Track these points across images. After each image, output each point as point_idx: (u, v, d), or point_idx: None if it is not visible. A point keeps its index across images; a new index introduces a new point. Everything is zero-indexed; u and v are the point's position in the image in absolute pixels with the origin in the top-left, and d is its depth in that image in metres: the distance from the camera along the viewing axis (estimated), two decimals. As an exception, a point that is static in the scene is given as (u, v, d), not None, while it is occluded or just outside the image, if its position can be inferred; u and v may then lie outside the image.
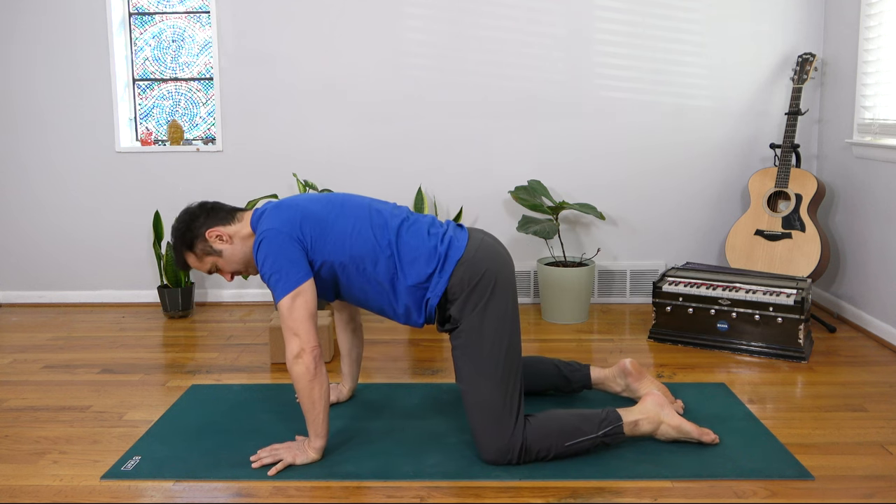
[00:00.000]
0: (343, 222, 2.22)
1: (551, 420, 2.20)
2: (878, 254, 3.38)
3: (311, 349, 2.11)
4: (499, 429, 2.14)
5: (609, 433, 2.20)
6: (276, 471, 2.14)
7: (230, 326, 3.71)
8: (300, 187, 3.83)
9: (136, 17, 4.13)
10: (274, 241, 2.14)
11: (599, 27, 3.90)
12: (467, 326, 2.18)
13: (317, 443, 2.20)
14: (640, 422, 2.24)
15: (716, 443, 2.28)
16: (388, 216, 2.27)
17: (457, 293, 2.19)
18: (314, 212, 2.22)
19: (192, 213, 2.31)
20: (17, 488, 2.11)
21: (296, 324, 2.11)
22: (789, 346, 3.08)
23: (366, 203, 2.31)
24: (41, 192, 4.13)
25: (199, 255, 2.30)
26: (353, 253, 2.20)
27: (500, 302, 2.20)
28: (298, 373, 2.11)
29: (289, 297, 2.12)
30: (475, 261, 2.20)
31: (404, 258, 2.21)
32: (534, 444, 2.15)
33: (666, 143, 3.99)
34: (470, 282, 2.18)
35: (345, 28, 3.94)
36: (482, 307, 2.18)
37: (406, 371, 3.03)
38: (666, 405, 2.29)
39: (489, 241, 2.29)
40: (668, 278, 3.38)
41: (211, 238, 2.27)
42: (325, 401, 2.16)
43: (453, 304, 2.20)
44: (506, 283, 2.23)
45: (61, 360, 3.23)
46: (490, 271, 2.20)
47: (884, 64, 3.37)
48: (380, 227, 2.24)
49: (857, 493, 2.02)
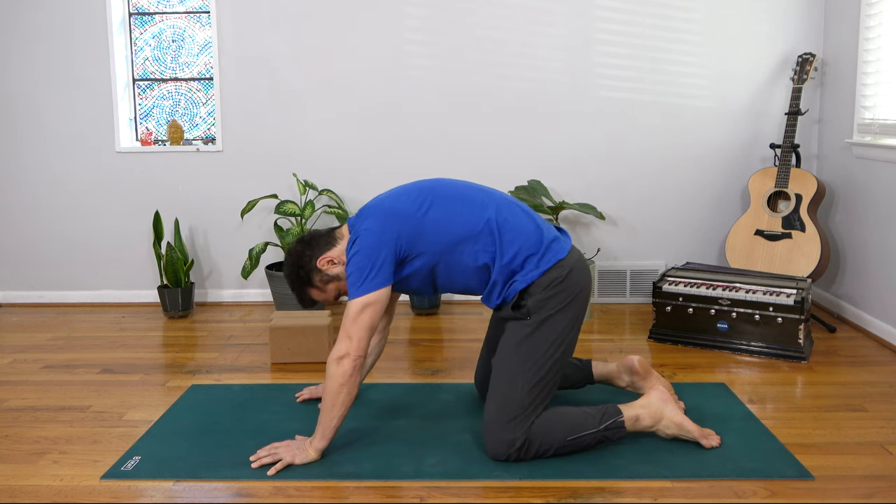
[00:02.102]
0: (437, 209, 2.23)
1: (553, 416, 2.21)
2: (878, 254, 3.38)
3: (356, 358, 2.13)
4: (510, 425, 2.15)
5: (610, 427, 2.20)
6: (275, 470, 2.14)
7: (230, 326, 3.71)
8: (300, 187, 3.83)
9: (136, 17, 4.13)
10: (367, 241, 2.17)
11: (599, 27, 3.90)
12: (536, 321, 2.20)
13: (320, 444, 2.20)
14: (642, 416, 2.24)
15: (716, 446, 2.27)
16: (485, 193, 2.29)
17: (542, 289, 2.20)
18: (407, 209, 2.23)
19: (296, 252, 2.34)
20: (17, 488, 2.11)
21: (354, 329, 2.14)
22: (789, 346, 3.08)
23: (459, 184, 2.33)
24: (41, 192, 4.13)
25: (320, 287, 2.33)
26: (452, 238, 2.22)
27: (572, 315, 2.24)
28: (335, 373, 2.13)
29: (360, 302, 2.14)
30: (573, 268, 2.24)
31: (505, 236, 2.22)
32: (535, 438, 2.16)
33: (666, 143, 3.99)
34: (560, 284, 2.21)
35: (345, 28, 3.94)
36: (557, 311, 2.21)
37: (406, 371, 3.03)
38: (670, 401, 2.29)
39: (584, 259, 2.34)
40: (668, 278, 3.38)
41: (323, 266, 2.30)
42: (346, 409, 2.18)
43: (532, 297, 2.21)
44: (584, 303, 2.28)
45: (61, 360, 3.23)
46: (579, 285, 2.25)
47: (884, 64, 3.37)
48: (479, 204, 2.25)
49: (857, 493, 2.02)
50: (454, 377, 2.94)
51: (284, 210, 3.78)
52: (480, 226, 2.22)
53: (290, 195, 4.06)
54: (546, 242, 2.24)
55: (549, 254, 2.23)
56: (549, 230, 2.30)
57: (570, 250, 2.28)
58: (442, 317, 3.85)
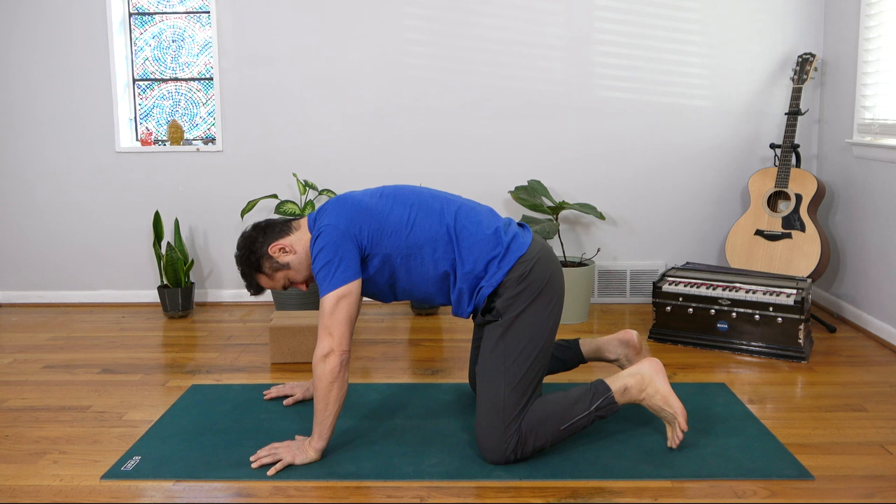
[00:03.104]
0: (399, 212, 2.24)
1: (541, 409, 2.18)
2: (878, 254, 3.38)
3: (341, 352, 2.13)
4: (502, 429, 2.14)
5: (601, 406, 2.18)
6: (275, 471, 2.14)
7: (230, 326, 3.71)
8: (300, 187, 3.83)
9: (136, 17, 4.13)
10: (330, 236, 2.16)
11: (600, 27, 3.90)
12: (507, 321, 2.19)
13: (319, 444, 2.20)
14: (630, 386, 2.20)
15: (680, 438, 2.22)
16: (444, 202, 2.29)
17: (508, 288, 2.19)
18: (370, 205, 2.23)
19: (249, 236, 2.33)
20: (17, 488, 2.11)
21: (334, 324, 2.13)
22: (789, 346, 3.08)
23: (420, 191, 2.32)
24: (41, 191, 4.13)
25: (269, 273, 2.32)
26: (412, 241, 2.21)
27: (543, 308, 2.21)
28: (322, 372, 2.13)
29: (334, 296, 2.13)
30: (536, 262, 2.22)
31: (463, 243, 2.22)
32: (528, 435, 2.15)
33: (666, 143, 3.99)
34: (524, 280, 2.19)
35: (345, 28, 3.94)
36: (526, 307, 2.19)
37: (406, 371, 3.04)
38: (661, 373, 2.23)
39: (549, 249, 2.31)
40: (668, 278, 3.38)
41: (275, 253, 2.29)
42: (339, 405, 2.17)
43: (500, 298, 2.20)
44: (555, 294, 2.25)
45: (61, 360, 3.23)
46: (545, 276, 2.22)
47: (884, 64, 3.37)
48: (437, 212, 2.25)
49: (857, 493, 2.02)
50: (454, 377, 2.94)
51: (284, 210, 3.77)
52: (439, 233, 2.21)
53: (290, 195, 4.06)
54: (506, 243, 2.23)
55: (509, 253, 2.22)
56: (508, 230, 2.28)
57: (530, 244, 2.25)
58: (442, 317, 3.85)
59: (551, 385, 2.74)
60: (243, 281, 2.39)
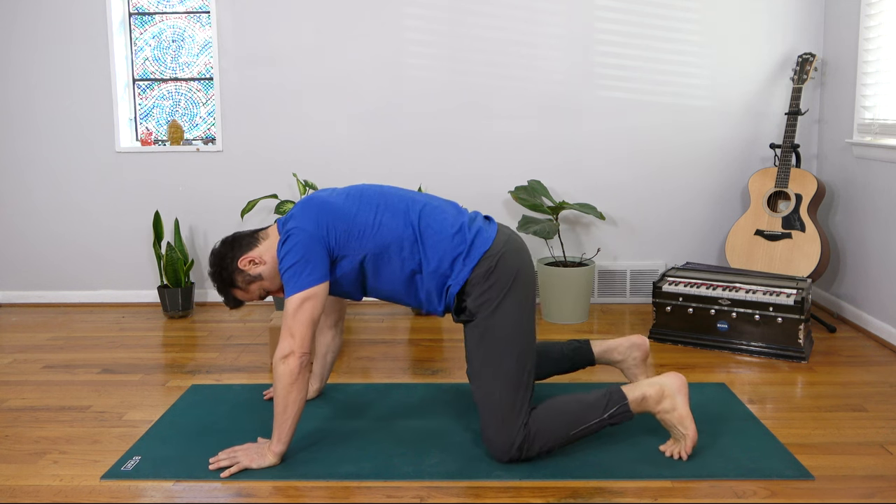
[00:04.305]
0: (365, 214, 2.23)
1: (553, 410, 2.17)
2: (878, 254, 3.38)
3: (301, 354, 2.12)
4: (504, 426, 2.13)
5: (615, 414, 2.16)
6: (229, 473, 2.14)
7: (230, 326, 3.71)
8: (300, 187, 3.83)
9: (136, 17, 4.13)
10: (297, 238, 2.16)
11: (599, 27, 3.90)
12: (482, 321, 2.18)
13: (277, 447, 2.18)
14: (648, 397, 2.17)
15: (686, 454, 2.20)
16: (409, 202, 2.28)
17: (476, 285, 2.19)
18: (337, 206, 2.23)
19: (218, 253, 2.33)
20: (17, 488, 2.11)
21: (296, 325, 2.12)
22: (789, 346, 3.08)
23: (385, 191, 2.32)
24: (41, 191, 4.13)
25: (243, 287, 2.32)
26: (379, 242, 2.21)
27: (516, 301, 2.19)
28: (281, 373, 2.12)
29: (298, 297, 2.13)
30: (501, 256, 2.20)
31: (427, 241, 2.21)
32: (537, 435, 2.14)
33: (666, 143, 3.99)
34: (492, 276, 2.18)
35: (345, 28, 3.94)
36: (498, 304, 2.17)
37: (406, 371, 3.03)
38: (684, 391, 2.19)
39: (516, 239, 2.29)
40: (668, 278, 3.38)
41: (245, 266, 2.29)
42: (298, 408, 2.15)
43: (470, 296, 2.20)
44: (526, 284, 2.23)
45: (61, 360, 3.23)
46: (513, 269, 2.20)
47: (884, 64, 3.37)
48: (402, 212, 2.24)
49: (857, 493, 2.02)
50: (454, 377, 2.94)
51: (284, 210, 3.77)
52: (405, 233, 2.21)
53: (290, 195, 4.06)
54: (469, 240, 2.22)
55: (473, 250, 2.20)
56: (472, 226, 2.26)
57: (494, 238, 2.23)
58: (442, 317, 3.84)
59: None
60: (220, 296, 2.39)
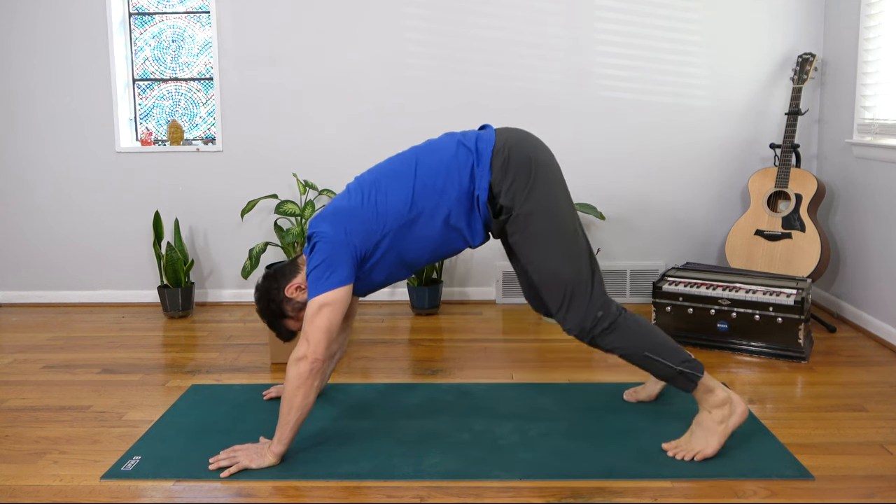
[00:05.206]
0: (369, 198, 2.24)
1: (646, 327, 2.23)
2: (878, 254, 3.38)
3: (314, 360, 2.13)
4: (578, 302, 2.18)
5: (684, 372, 2.19)
6: (228, 473, 2.14)
7: (230, 326, 3.71)
8: (300, 187, 3.83)
9: (136, 17, 4.13)
10: (325, 242, 2.19)
11: (599, 27, 3.90)
12: (521, 212, 2.19)
13: (278, 448, 2.19)
14: (716, 394, 2.20)
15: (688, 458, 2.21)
16: (409, 165, 2.27)
17: (500, 182, 2.20)
18: (345, 207, 2.25)
19: (262, 287, 2.37)
20: (17, 488, 2.11)
21: (312, 330, 2.14)
22: (789, 346, 3.08)
23: (379, 168, 2.32)
24: (41, 192, 4.13)
25: (293, 315, 2.34)
26: (395, 215, 2.22)
27: (545, 183, 2.21)
28: (291, 375, 2.14)
29: (317, 303, 2.15)
30: (510, 147, 2.21)
31: (437, 182, 2.22)
32: (617, 333, 2.19)
33: (666, 143, 3.99)
34: (510, 168, 2.19)
35: (345, 28, 3.94)
36: (529, 190, 2.19)
37: (406, 371, 3.03)
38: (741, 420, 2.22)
39: (516, 131, 2.30)
40: (668, 278, 3.38)
41: (292, 294, 2.31)
42: (302, 412, 2.16)
43: (500, 196, 2.21)
44: (546, 165, 2.24)
45: (61, 360, 3.23)
46: (526, 156, 2.21)
47: (884, 64, 3.37)
48: (408, 176, 2.24)
49: (857, 493, 2.02)
50: (454, 377, 2.94)
51: (284, 210, 3.78)
52: (416, 192, 2.21)
53: (290, 195, 4.06)
54: (473, 147, 2.23)
55: (481, 153, 2.22)
56: (468, 136, 2.28)
57: (496, 135, 2.25)
58: (442, 317, 3.85)
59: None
60: (273, 332, 2.40)
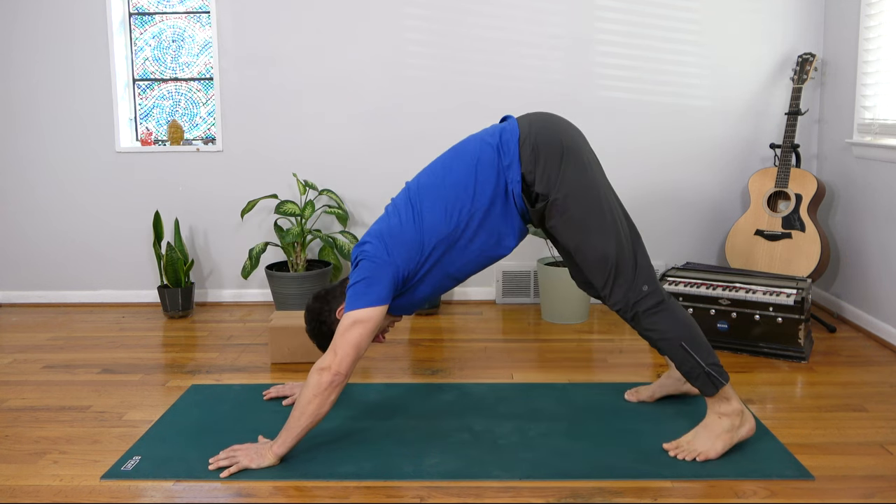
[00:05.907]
0: (407, 218, 2.24)
1: (689, 320, 2.25)
2: (878, 254, 3.37)
3: (336, 373, 2.13)
4: (620, 275, 2.20)
5: (710, 374, 2.20)
6: (228, 473, 2.14)
7: (230, 326, 3.71)
8: (300, 187, 3.83)
9: (136, 17, 4.13)
10: (367, 259, 2.21)
11: (599, 27, 3.90)
12: (558, 196, 2.19)
13: (279, 450, 2.18)
14: (733, 403, 2.24)
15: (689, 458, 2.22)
16: (431, 180, 2.28)
17: (532, 171, 2.20)
18: (386, 229, 2.26)
19: (315, 310, 2.40)
20: (17, 488, 2.11)
21: (342, 343, 2.15)
22: (789, 346, 3.08)
23: (410, 186, 2.32)
24: (41, 191, 4.13)
25: None
26: (435, 232, 2.22)
27: (578, 165, 2.21)
28: (312, 382, 2.14)
29: (350, 318, 2.17)
30: (536, 135, 2.21)
31: (469, 191, 2.22)
32: (662, 317, 2.20)
33: (666, 143, 3.99)
34: (540, 155, 2.19)
35: (345, 28, 3.94)
36: (561, 174, 2.19)
37: (406, 371, 3.03)
38: (748, 434, 2.26)
39: (540, 115, 2.30)
40: (668, 278, 3.38)
41: (342, 315, 2.31)
42: (312, 420, 2.16)
43: (535, 182, 2.20)
44: (576, 147, 2.23)
45: (61, 360, 3.23)
46: (554, 141, 2.21)
47: (884, 64, 3.37)
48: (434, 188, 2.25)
49: (857, 493, 2.02)
50: (454, 377, 2.94)
51: (284, 210, 3.78)
52: (455, 207, 2.22)
53: (290, 195, 4.06)
54: (501, 144, 2.23)
55: (509, 147, 2.21)
56: (492, 131, 2.28)
57: (519, 126, 2.25)
58: (442, 317, 3.85)
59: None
60: (322, 351, 2.41)
